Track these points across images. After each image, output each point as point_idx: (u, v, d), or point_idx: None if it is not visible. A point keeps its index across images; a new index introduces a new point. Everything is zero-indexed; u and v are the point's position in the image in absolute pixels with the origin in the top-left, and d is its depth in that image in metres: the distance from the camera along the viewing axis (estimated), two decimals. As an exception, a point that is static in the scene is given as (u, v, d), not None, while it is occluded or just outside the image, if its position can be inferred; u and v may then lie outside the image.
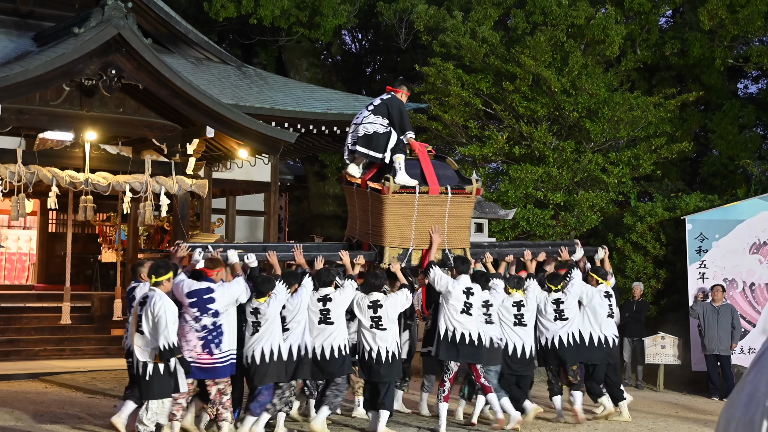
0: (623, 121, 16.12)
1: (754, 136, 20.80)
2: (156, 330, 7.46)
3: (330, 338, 8.59)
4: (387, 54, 25.71)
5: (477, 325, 9.08)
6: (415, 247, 9.34)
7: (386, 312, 8.76)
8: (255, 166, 17.23)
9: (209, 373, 8.03)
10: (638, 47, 18.69)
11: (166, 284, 7.72)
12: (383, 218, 9.26)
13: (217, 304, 8.00)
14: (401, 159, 9.28)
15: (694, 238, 14.11)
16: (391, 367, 8.80)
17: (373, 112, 9.50)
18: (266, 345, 8.28)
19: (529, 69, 16.01)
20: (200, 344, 7.97)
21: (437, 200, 9.35)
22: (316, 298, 8.62)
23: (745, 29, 18.08)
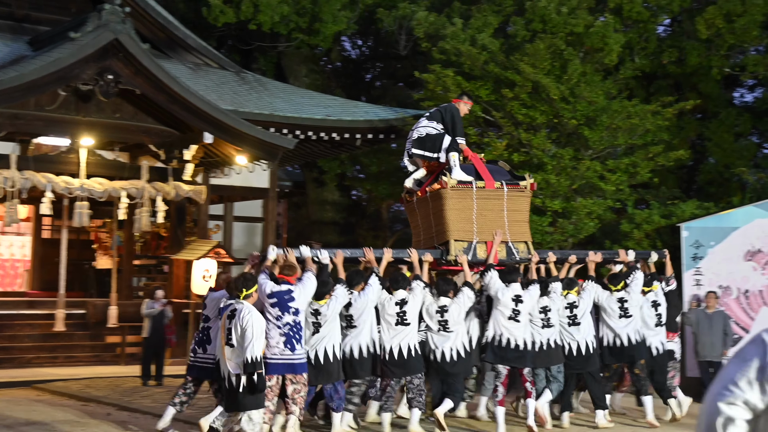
0: (621, 129, 16.12)
1: (749, 144, 20.84)
2: (243, 342, 7.57)
3: (407, 338, 8.97)
4: (387, 60, 25.73)
5: (524, 332, 9.41)
6: (478, 240, 9.67)
7: (453, 316, 9.19)
8: (253, 173, 17.21)
9: (291, 368, 8.33)
10: (636, 55, 18.71)
11: (254, 296, 7.88)
12: (445, 213, 9.61)
13: (297, 302, 8.36)
14: (456, 156, 9.72)
15: (690, 245, 14.12)
16: (457, 365, 9.23)
17: (428, 117, 10.10)
18: (328, 345, 8.66)
19: (528, 76, 16.02)
20: (282, 341, 8.29)
21: (494, 194, 9.76)
22: (394, 302, 9.02)
23: (741, 38, 18.10)
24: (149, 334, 13.28)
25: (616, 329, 10.17)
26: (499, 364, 9.38)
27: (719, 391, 2.64)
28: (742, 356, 2.67)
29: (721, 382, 2.66)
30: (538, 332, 9.65)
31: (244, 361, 7.52)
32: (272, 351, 8.25)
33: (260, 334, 7.67)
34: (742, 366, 2.63)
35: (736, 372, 2.63)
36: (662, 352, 10.58)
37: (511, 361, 9.39)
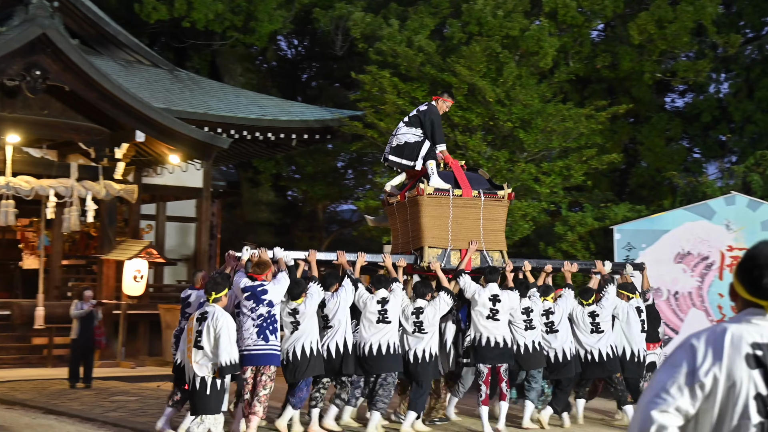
0: (556, 132, 16.27)
1: (680, 148, 21.25)
2: (217, 346, 7.59)
3: (387, 336, 9.15)
4: (323, 61, 25.60)
5: (504, 330, 9.51)
6: (453, 248, 9.83)
7: (427, 318, 9.32)
8: (187, 172, 16.92)
9: (263, 359, 8.43)
10: (571, 59, 18.92)
11: (224, 299, 7.92)
12: (421, 219, 9.79)
13: (270, 295, 8.52)
14: (433, 164, 9.88)
15: (622, 248, 14.29)
16: (428, 367, 9.35)
17: (407, 124, 10.10)
18: (306, 342, 8.80)
19: (464, 79, 16.07)
20: (255, 331, 8.40)
21: (471, 203, 9.93)
22: (375, 300, 9.21)
23: (672, 44, 18.44)
24: (77, 336, 12.98)
25: (587, 344, 10.17)
26: (481, 363, 9.48)
27: (651, 398, 2.64)
28: (671, 362, 2.69)
29: (652, 389, 2.66)
30: (521, 334, 9.78)
31: (219, 365, 7.56)
32: (246, 342, 8.38)
33: (233, 337, 7.71)
34: (672, 372, 2.64)
35: (666, 379, 2.64)
36: (641, 360, 10.45)
37: (493, 359, 9.49)
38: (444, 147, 10.11)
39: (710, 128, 21.63)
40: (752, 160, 16.93)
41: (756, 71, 20.61)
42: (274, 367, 8.54)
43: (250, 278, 8.63)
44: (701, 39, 20.03)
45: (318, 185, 22.75)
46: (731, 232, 14.00)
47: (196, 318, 7.84)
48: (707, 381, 2.58)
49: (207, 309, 7.78)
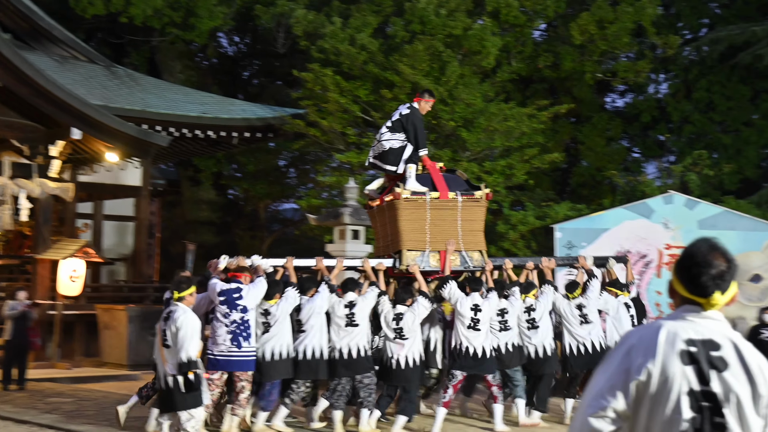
0: (498, 131, 16.32)
1: (620, 148, 21.53)
2: (176, 343, 7.68)
3: (355, 339, 9.17)
4: (265, 58, 25.35)
5: (484, 340, 9.54)
6: (431, 250, 9.92)
7: (407, 323, 9.30)
8: (125, 170, 16.59)
9: (236, 365, 8.61)
10: (513, 59, 19.02)
11: (188, 299, 7.96)
12: (398, 223, 9.90)
13: (245, 300, 8.66)
14: (413, 168, 10.01)
15: (563, 246, 14.37)
16: (412, 372, 9.36)
17: (391, 129, 10.17)
18: (276, 344, 8.97)
19: (407, 77, 16.03)
20: (229, 338, 8.57)
21: (448, 204, 9.99)
22: (342, 304, 9.24)
23: (613, 45, 18.65)
24: (11, 337, 12.62)
25: (579, 337, 10.17)
26: (458, 370, 9.56)
27: (589, 402, 2.66)
28: (609, 362, 2.71)
29: (590, 393, 2.68)
30: (496, 335, 9.80)
31: (178, 361, 7.63)
32: (219, 348, 8.57)
33: (194, 335, 7.72)
34: (608, 373, 2.67)
35: (603, 381, 2.66)
36: None
37: (471, 368, 9.57)
38: (426, 152, 10.20)
39: (649, 128, 21.98)
40: (690, 159, 17.20)
41: (694, 72, 20.97)
42: (249, 372, 8.69)
43: (229, 279, 8.85)
44: (641, 40, 20.31)
45: (260, 184, 22.52)
46: (669, 231, 14.17)
47: (162, 318, 7.97)
48: (642, 377, 2.60)
49: (171, 308, 7.88)
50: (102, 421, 9.75)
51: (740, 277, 14.21)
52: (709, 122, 20.85)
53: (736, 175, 19.82)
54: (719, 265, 2.69)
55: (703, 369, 2.60)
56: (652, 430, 2.60)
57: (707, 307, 2.70)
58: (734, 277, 2.73)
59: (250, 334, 8.68)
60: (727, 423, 2.57)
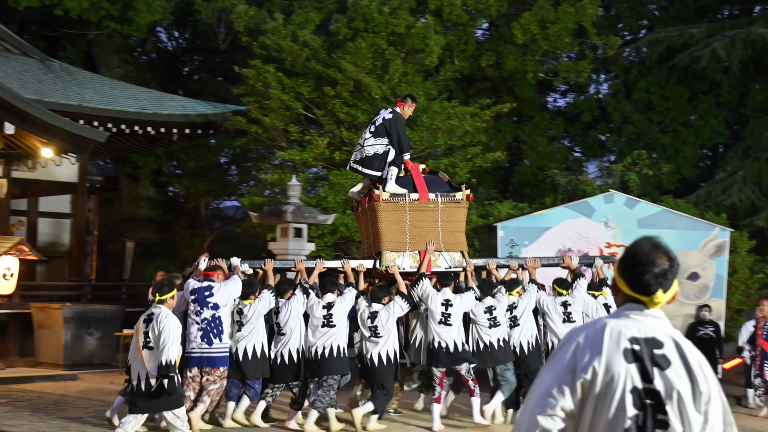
0: (441, 130, 16.31)
1: (561, 147, 21.72)
2: (159, 346, 7.82)
3: (330, 339, 9.40)
4: (205, 54, 24.98)
5: (455, 335, 9.77)
6: (411, 251, 10.12)
7: (381, 321, 9.51)
8: (61, 166, 16.18)
9: (207, 362, 8.90)
10: (456, 58, 19.03)
11: (170, 302, 8.12)
12: (379, 224, 10.10)
13: (215, 298, 8.94)
14: (394, 171, 10.20)
15: (505, 245, 14.43)
16: (385, 369, 9.55)
17: (374, 134, 10.36)
18: (249, 344, 9.27)
19: (350, 75, 15.92)
20: (200, 335, 8.88)
21: (428, 206, 10.18)
22: (321, 305, 9.49)
23: (554, 45, 18.78)
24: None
25: (560, 335, 10.22)
26: (434, 367, 9.80)
27: (536, 401, 2.67)
28: (555, 360, 2.73)
29: (537, 391, 2.70)
30: (486, 333, 9.98)
31: (159, 363, 7.78)
32: (191, 345, 8.89)
33: (176, 338, 7.87)
34: (555, 371, 2.69)
35: (550, 379, 2.68)
36: None
37: (445, 363, 9.77)
38: (408, 156, 10.40)
39: (590, 128, 22.21)
40: (630, 159, 17.39)
41: (633, 73, 21.24)
42: (222, 368, 8.99)
43: (201, 278, 9.13)
44: (582, 40, 20.51)
45: (200, 181, 22.19)
46: (609, 230, 14.31)
47: (143, 319, 8.05)
48: (587, 376, 2.63)
49: (153, 310, 8.01)
50: (36, 421, 9.52)
51: (679, 276, 14.41)
52: (649, 122, 21.15)
53: (674, 174, 20.14)
54: (662, 264, 2.73)
55: (646, 367, 2.64)
56: (596, 427, 2.62)
57: (650, 306, 2.73)
58: (676, 276, 2.78)
59: (222, 331, 8.96)
60: (669, 420, 2.61)
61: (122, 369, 14.49)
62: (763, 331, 12.09)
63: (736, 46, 19.01)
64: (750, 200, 18.61)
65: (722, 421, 2.69)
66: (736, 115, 21.67)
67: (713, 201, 18.40)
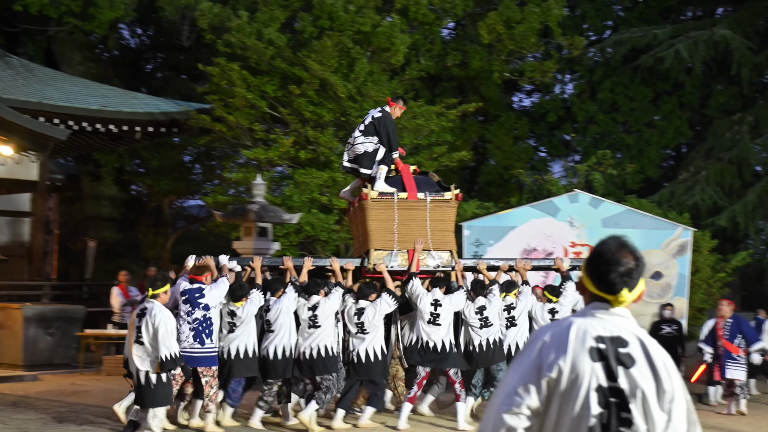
0: (407, 129, 16.26)
1: (527, 147, 21.79)
2: (156, 340, 7.83)
3: (317, 340, 9.49)
4: (169, 51, 24.72)
5: (444, 335, 9.83)
6: (399, 249, 10.15)
7: (368, 318, 9.62)
8: (21, 164, 15.91)
9: (199, 362, 9.03)
10: (422, 57, 19.00)
11: (163, 296, 8.16)
12: (367, 223, 10.16)
13: (206, 299, 9.07)
14: (383, 170, 10.25)
15: (471, 244, 14.45)
16: (373, 366, 9.67)
17: (363, 133, 10.45)
18: (240, 344, 9.37)
19: (315, 73, 15.83)
20: (192, 335, 9.01)
21: (417, 205, 10.23)
22: (306, 307, 9.58)
23: (520, 45, 18.80)
24: None
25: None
26: (420, 365, 9.85)
27: (502, 399, 2.67)
28: (520, 360, 2.74)
29: (503, 390, 2.70)
30: (477, 333, 10.01)
31: (160, 359, 7.81)
32: (182, 345, 8.90)
33: (173, 333, 7.98)
34: (521, 369, 2.70)
35: (516, 377, 2.69)
36: None
37: (432, 362, 9.86)
38: (398, 154, 10.47)
39: (555, 128, 22.32)
40: (594, 159, 17.49)
41: (598, 73, 21.38)
42: (213, 367, 9.11)
43: (191, 281, 9.18)
44: (547, 40, 20.58)
45: (164, 180, 21.95)
46: (574, 229, 14.36)
47: (136, 314, 8.09)
48: (553, 374, 2.64)
49: (146, 305, 8.05)
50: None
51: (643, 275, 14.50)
52: (613, 123, 21.29)
53: (638, 174, 20.29)
54: (627, 263, 2.74)
55: (611, 366, 2.64)
56: (561, 426, 2.63)
57: (615, 304, 2.74)
58: (642, 275, 2.78)
59: (213, 331, 9.12)
60: (633, 418, 2.61)
61: (83, 369, 14.30)
62: (724, 331, 12.18)
63: (699, 47, 19.19)
64: (712, 200, 18.82)
65: (686, 420, 2.70)
66: (699, 116, 21.90)
67: (676, 201, 18.58)
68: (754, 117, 19.74)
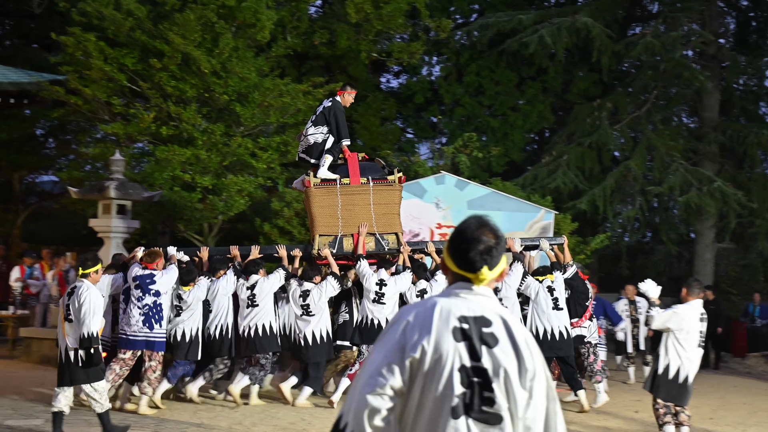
0: (273, 107, 15.96)
1: (394, 128, 21.78)
2: (79, 319, 7.90)
3: (255, 318, 9.87)
4: (18, 18, 23.37)
5: (388, 313, 10.05)
6: (344, 234, 10.39)
7: (313, 300, 9.93)
8: None
9: (147, 345, 9.44)
10: (289, 34, 18.64)
11: (93, 276, 8.17)
12: (312, 209, 10.44)
13: (157, 285, 9.48)
14: (328, 159, 10.47)
15: (338, 226, 14.29)
16: (318, 349, 9.98)
17: (314, 123, 10.70)
18: (186, 327, 9.78)
19: (177, 47, 15.26)
20: (141, 319, 9.41)
21: (360, 190, 10.41)
22: (245, 286, 9.96)
23: (388, 25, 18.72)
24: None
25: None
26: (365, 344, 10.09)
27: (366, 380, 2.65)
28: (385, 339, 2.72)
29: (367, 371, 2.68)
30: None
31: (80, 335, 7.87)
32: (132, 329, 9.41)
33: (97, 311, 7.94)
34: (385, 350, 2.68)
35: (380, 358, 2.67)
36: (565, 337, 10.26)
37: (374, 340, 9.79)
38: (348, 142, 10.68)
39: (423, 110, 22.39)
40: (460, 141, 17.62)
41: (465, 56, 21.54)
42: (160, 353, 9.50)
43: (143, 267, 9.58)
44: (415, 22, 20.58)
45: (13, 153, 20.79)
46: (440, 210, 14.39)
47: (66, 293, 8.21)
48: (416, 354, 2.63)
49: (76, 284, 8.11)
50: None
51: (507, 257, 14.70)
52: (479, 106, 21.52)
53: (503, 157, 20.60)
54: (487, 241, 2.76)
55: (474, 345, 2.66)
56: (424, 406, 2.63)
57: (476, 283, 2.76)
58: (503, 253, 2.80)
59: (162, 317, 9.52)
60: (496, 397, 2.64)
61: None
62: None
63: (562, 33, 19.58)
64: (573, 184, 19.30)
65: (546, 396, 2.73)
66: (562, 101, 22.43)
67: (539, 184, 18.96)
68: (613, 103, 20.34)
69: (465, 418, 2.62)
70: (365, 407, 2.61)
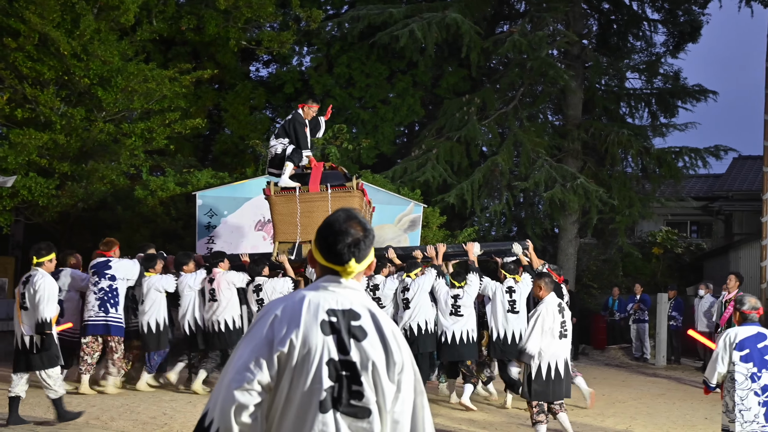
0: (137, 93, 15.44)
1: (263, 117, 21.49)
2: (34, 305, 7.97)
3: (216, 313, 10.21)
4: None
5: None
6: (302, 241, 10.65)
7: (266, 294, 10.18)
8: None
9: (103, 329, 9.73)
10: (154, 18, 18.08)
11: (47, 264, 8.22)
12: (273, 217, 10.88)
13: (113, 270, 9.87)
14: (288, 166, 10.78)
15: (204, 214, 14.10)
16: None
17: (276, 136, 11.07)
18: (151, 319, 10.19)
19: (34, 27, 14.53)
20: (97, 304, 9.73)
21: (318, 197, 10.69)
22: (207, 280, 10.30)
23: (257, 13, 18.42)
24: None
25: (446, 326, 10.20)
26: None
27: (233, 376, 2.61)
28: (251, 335, 2.68)
29: (234, 366, 2.63)
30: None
31: (36, 321, 7.94)
32: (89, 314, 9.75)
33: (51, 298, 8.00)
34: (252, 344, 2.65)
35: (247, 353, 2.64)
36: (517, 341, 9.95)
37: None
38: (310, 152, 11.05)
39: (292, 99, 22.17)
40: (330, 133, 17.51)
41: (336, 48, 21.45)
42: (118, 336, 9.78)
43: (99, 255, 9.92)
44: (285, 11, 20.34)
45: None
46: (311, 202, 14.28)
47: (21, 281, 8.25)
48: (284, 348, 2.62)
49: (31, 272, 8.15)
50: None
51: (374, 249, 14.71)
52: (350, 98, 21.48)
53: (373, 150, 20.64)
54: (355, 234, 2.75)
55: (343, 339, 2.66)
56: (292, 400, 2.61)
57: (344, 275, 2.75)
58: (371, 246, 2.80)
59: (118, 302, 9.81)
60: (364, 390, 2.64)
61: None
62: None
63: (432, 28, 19.75)
64: (442, 177, 19.52)
65: (413, 389, 2.74)
66: (432, 95, 22.64)
67: (409, 177, 19.08)
68: (481, 99, 20.67)
69: (333, 412, 2.60)
70: (232, 403, 2.57)
